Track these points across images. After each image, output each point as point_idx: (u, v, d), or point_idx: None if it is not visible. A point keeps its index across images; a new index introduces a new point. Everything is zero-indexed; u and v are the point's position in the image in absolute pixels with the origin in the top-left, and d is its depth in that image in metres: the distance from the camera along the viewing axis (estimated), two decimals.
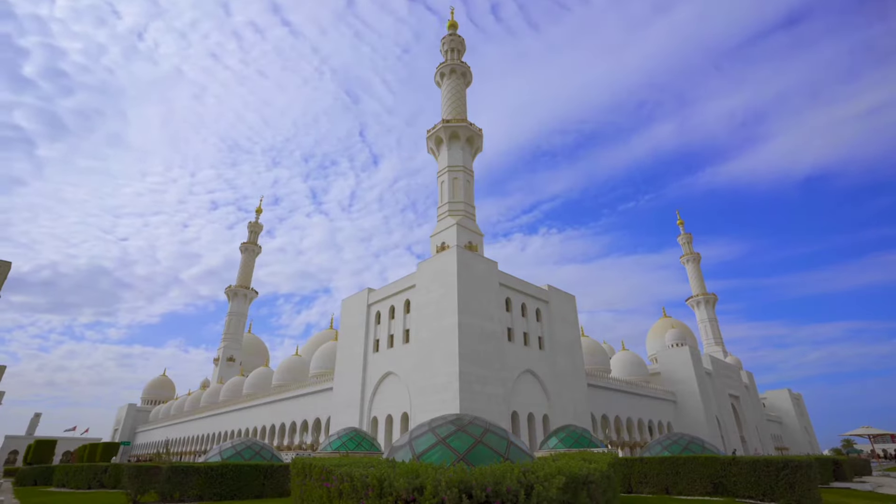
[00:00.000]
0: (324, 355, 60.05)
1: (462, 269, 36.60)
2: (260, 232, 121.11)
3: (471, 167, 53.89)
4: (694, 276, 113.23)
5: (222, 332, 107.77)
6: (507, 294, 41.31)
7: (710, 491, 17.51)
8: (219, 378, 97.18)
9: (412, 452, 10.56)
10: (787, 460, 16.28)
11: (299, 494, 9.86)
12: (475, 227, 49.72)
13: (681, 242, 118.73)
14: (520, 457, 10.37)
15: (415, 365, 37.29)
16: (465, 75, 60.11)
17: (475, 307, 36.44)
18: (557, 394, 41.80)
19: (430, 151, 56.54)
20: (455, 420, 11.58)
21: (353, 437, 28.23)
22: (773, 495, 16.07)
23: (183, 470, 17.71)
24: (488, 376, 35.11)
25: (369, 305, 45.66)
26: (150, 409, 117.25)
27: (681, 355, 66.39)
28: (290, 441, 54.56)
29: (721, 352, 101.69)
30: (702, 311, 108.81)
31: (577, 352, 47.01)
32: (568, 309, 48.18)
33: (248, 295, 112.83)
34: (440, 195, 51.83)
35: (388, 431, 38.62)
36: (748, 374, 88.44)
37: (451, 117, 55.61)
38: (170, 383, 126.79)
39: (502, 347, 37.84)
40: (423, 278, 39.58)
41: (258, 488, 18.62)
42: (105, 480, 27.94)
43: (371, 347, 43.90)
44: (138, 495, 17.76)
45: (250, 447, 22.57)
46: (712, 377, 70.06)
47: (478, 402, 33.24)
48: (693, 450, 21.34)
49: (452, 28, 63.23)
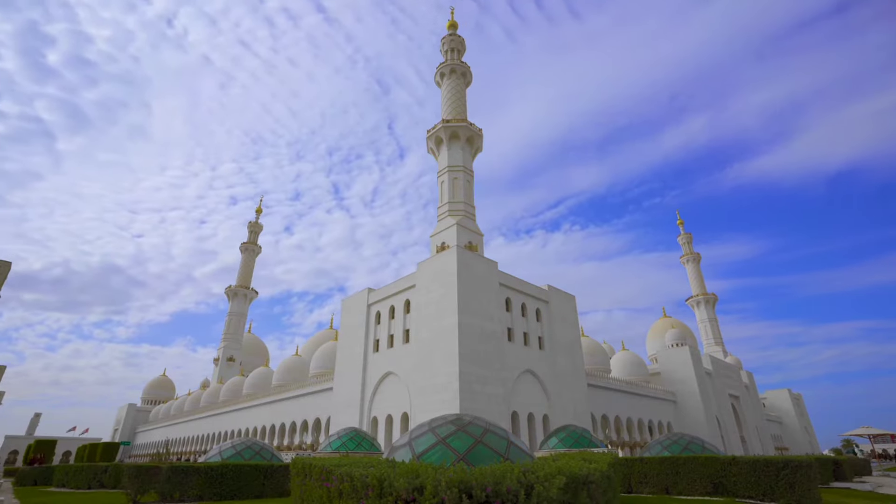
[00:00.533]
0: (324, 355, 60.05)
1: (462, 269, 36.61)
2: (260, 232, 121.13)
3: (471, 167, 53.92)
4: (694, 276, 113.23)
5: (222, 332, 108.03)
6: (507, 294, 41.31)
7: (710, 491, 17.51)
8: (219, 378, 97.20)
9: (412, 452, 10.56)
10: (787, 460, 16.28)
11: (299, 494, 9.86)
12: (475, 227, 49.75)
13: (681, 242, 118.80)
14: (520, 457, 10.37)
15: (415, 365, 37.29)
16: (465, 75, 60.12)
17: (475, 307, 36.44)
18: (557, 394, 41.80)
19: (430, 151, 56.60)
20: (455, 420, 11.57)
21: (353, 437, 28.22)
22: (773, 495, 16.07)
23: (183, 470, 17.72)
24: (488, 376, 35.10)
25: (369, 305, 45.67)
26: (150, 409, 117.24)
27: (681, 355, 66.39)
28: (290, 441, 54.56)
29: (721, 352, 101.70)
30: (702, 311, 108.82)
31: (577, 352, 47.02)
32: (568, 309, 48.18)
33: (248, 295, 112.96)
34: (440, 195, 51.87)
35: (388, 431, 38.62)
36: (748, 374, 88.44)
37: (451, 117, 55.63)
38: (170, 383, 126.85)
39: (502, 347, 37.83)
40: (423, 278, 39.59)
41: (258, 488, 18.63)
42: (105, 480, 27.95)
43: (371, 347, 43.90)
44: (138, 495, 17.76)
45: (250, 447, 22.56)
46: (712, 377, 70.07)
47: (478, 402, 33.23)
48: (693, 450, 21.33)
49: (452, 28, 63.25)
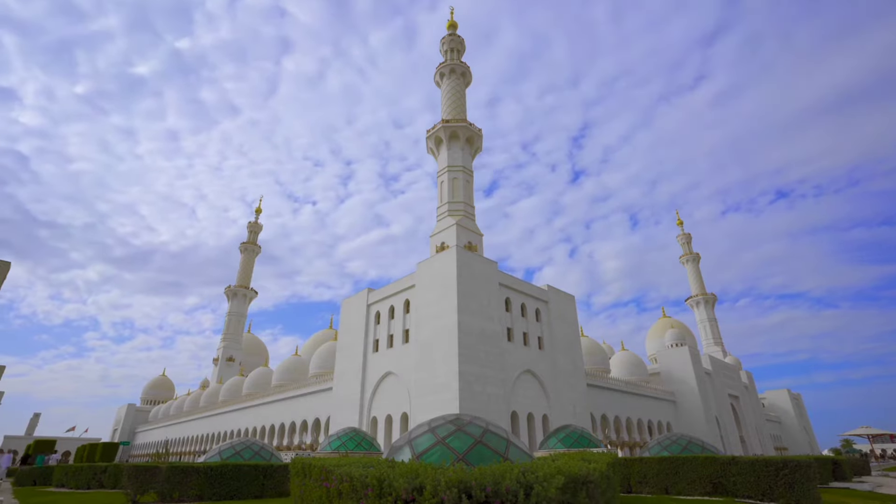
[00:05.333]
0: (323, 355, 60.05)
1: (462, 269, 36.61)
2: (259, 232, 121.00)
3: (470, 167, 53.93)
4: (693, 275, 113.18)
5: (222, 332, 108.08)
6: (507, 294, 41.32)
7: (710, 491, 17.51)
8: (218, 378, 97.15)
9: (412, 452, 10.56)
10: (786, 460, 16.27)
11: (299, 494, 9.87)
12: (475, 227, 49.78)
13: (680, 242, 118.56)
14: (519, 457, 10.37)
15: (415, 365, 37.29)
16: (465, 75, 60.13)
17: (475, 307, 36.44)
18: (557, 394, 41.81)
19: (429, 151, 56.56)
20: (455, 420, 11.57)
21: (353, 437, 28.21)
22: (773, 495, 16.07)
23: (182, 470, 17.68)
24: (488, 376, 35.10)
25: (369, 305, 45.66)
26: (150, 409, 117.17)
27: (680, 355, 66.41)
28: (289, 441, 54.55)
29: (720, 352, 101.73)
30: (701, 311, 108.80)
31: (576, 352, 47.03)
32: (567, 309, 48.20)
33: (248, 295, 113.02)
34: (440, 195, 51.88)
35: (388, 431, 38.61)
36: (748, 374, 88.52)
37: (451, 117, 55.63)
38: (169, 383, 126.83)
39: (502, 347, 37.83)
40: (422, 278, 39.59)
41: (258, 488, 18.60)
42: (105, 480, 27.90)
43: (371, 347, 43.89)
44: (138, 495, 17.75)
45: (250, 447, 22.53)
46: (712, 377, 70.10)
47: (477, 402, 33.24)
48: (692, 450, 21.32)
49: (452, 28, 63.28)
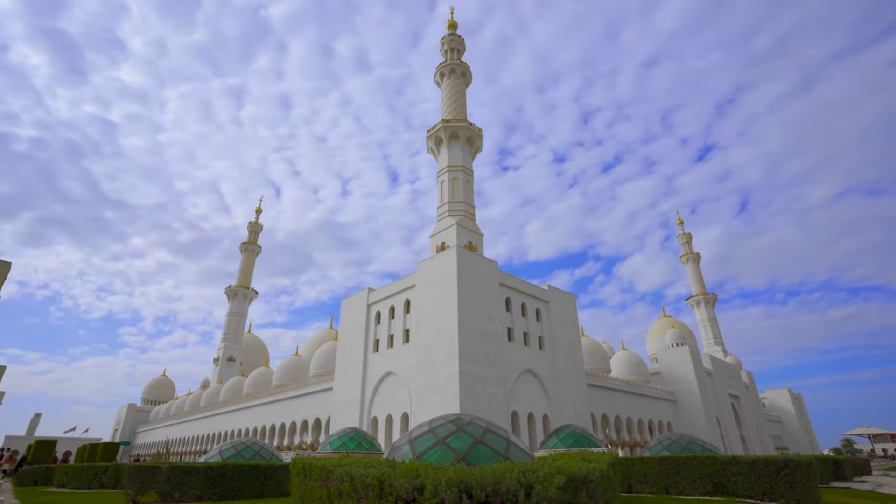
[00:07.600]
0: (324, 355, 60.03)
1: (462, 268, 36.61)
2: (260, 232, 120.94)
3: (470, 167, 53.91)
4: (694, 275, 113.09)
5: (222, 332, 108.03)
6: (507, 294, 41.31)
7: (710, 491, 17.51)
8: (219, 378, 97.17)
9: (412, 452, 10.56)
10: (787, 460, 16.26)
11: (299, 494, 9.87)
12: (475, 227, 49.77)
13: (680, 242, 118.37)
14: (520, 457, 10.37)
15: (415, 365, 37.29)
16: (465, 75, 60.12)
17: (475, 307, 36.44)
18: (557, 394, 41.81)
19: (430, 151, 56.55)
20: (455, 420, 11.58)
21: (353, 437, 28.21)
22: (773, 495, 16.06)
23: (183, 470, 17.68)
24: (488, 376, 35.10)
25: (369, 305, 45.66)
26: (150, 409, 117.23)
27: (681, 355, 66.38)
28: (290, 441, 54.55)
29: (721, 351, 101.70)
30: (701, 311, 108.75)
31: (576, 351, 47.03)
32: (568, 309, 48.19)
33: (248, 295, 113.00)
34: (440, 195, 51.85)
35: (388, 431, 38.61)
36: (748, 374, 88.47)
37: (451, 117, 55.62)
38: (170, 383, 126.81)
39: (502, 347, 37.83)
40: (422, 278, 39.59)
41: (258, 488, 18.60)
42: (105, 480, 27.91)
43: (371, 347, 43.89)
44: (138, 495, 17.75)
45: (250, 447, 22.53)
46: (712, 377, 70.07)
47: (478, 402, 33.24)
48: (693, 450, 21.34)
49: (452, 28, 63.26)
